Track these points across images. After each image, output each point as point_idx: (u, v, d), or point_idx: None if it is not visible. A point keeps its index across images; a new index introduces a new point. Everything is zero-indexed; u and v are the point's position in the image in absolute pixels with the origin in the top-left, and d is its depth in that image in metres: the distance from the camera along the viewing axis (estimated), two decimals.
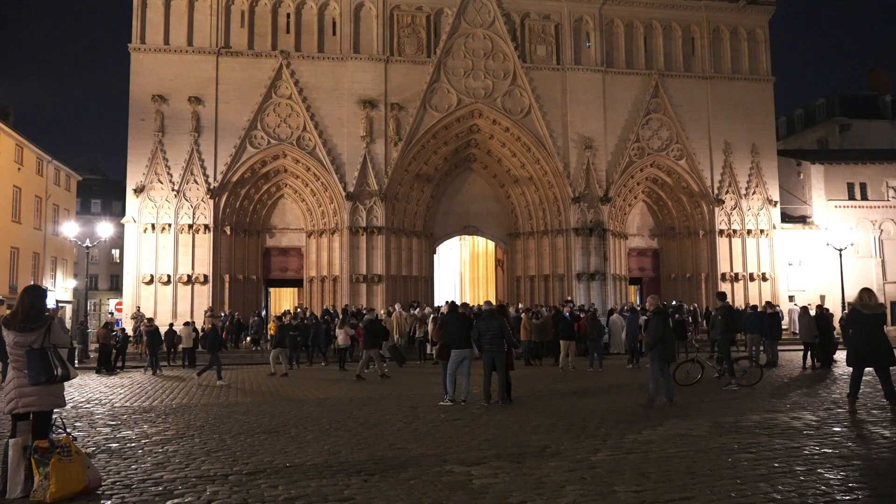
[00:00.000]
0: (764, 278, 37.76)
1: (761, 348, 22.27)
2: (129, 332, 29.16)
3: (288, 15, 34.97)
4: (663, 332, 12.55)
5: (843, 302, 32.08)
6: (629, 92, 37.18)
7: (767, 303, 26.97)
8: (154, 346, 23.69)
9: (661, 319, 12.77)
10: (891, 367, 11.13)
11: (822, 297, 36.09)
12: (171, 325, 29.23)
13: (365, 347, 20.20)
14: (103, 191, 67.65)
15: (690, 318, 31.06)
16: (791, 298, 37.06)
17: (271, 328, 27.81)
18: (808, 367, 20.48)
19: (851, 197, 40.69)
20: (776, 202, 38.45)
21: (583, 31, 37.13)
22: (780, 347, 23.10)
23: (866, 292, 11.51)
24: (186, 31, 34.05)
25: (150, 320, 26.74)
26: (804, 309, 23.20)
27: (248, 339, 31.25)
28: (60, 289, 48.75)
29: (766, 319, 22.26)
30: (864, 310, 11.25)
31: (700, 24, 38.37)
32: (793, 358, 23.44)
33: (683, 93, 37.76)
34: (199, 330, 27.61)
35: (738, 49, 38.92)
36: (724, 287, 36.14)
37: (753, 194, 38.13)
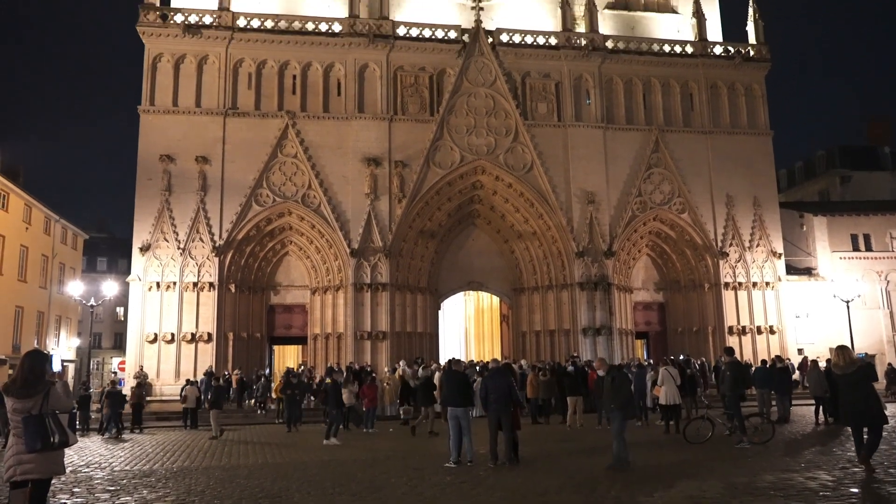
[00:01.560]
0: (772, 331, 37.41)
1: (772, 404, 21.86)
2: (127, 391, 28.55)
3: (294, 76, 35.82)
4: (629, 391, 13.01)
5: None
6: (630, 147, 37.66)
7: (777, 357, 26.60)
8: (115, 408, 23.05)
9: (623, 376, 13.18)
10: (884, 425, 10.79)
11: (832, 350, 35.61)
12: (140, 380, 28.65)
13: (422, 405, 20.43)
14: (109, 249, 68.07)
15: (699, 373, 30.62)
16: (800, 352, 36.63)
17: (275, 390, 27.48)
18: (821, 423, 20.06)
19: (856, 248, 40.67)
20: (780, 254, 38.41)
21: (583, 88, 37.89)
22: (792, 402, 22.66)
23: (839, 351, 11.31)
24: (195, 92, 34.85)
25: (141, 380, 26.31)
26: (814, 363, 22.90)
27: (252, 400, 30.79)
28: (64, 348, 48.54)
29: (776, 374, 21.93)
30: (836, 370, 11.11)
31: (697, 80, 39.13)
32: (805, 413, 22.99)
33: (684, 147, 38.22)
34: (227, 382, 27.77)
35: (735, 104, 39.56)
36: (732, 340, 35.79)
37: (757, 247, 38.14)
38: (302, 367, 31.94)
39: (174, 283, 33.06)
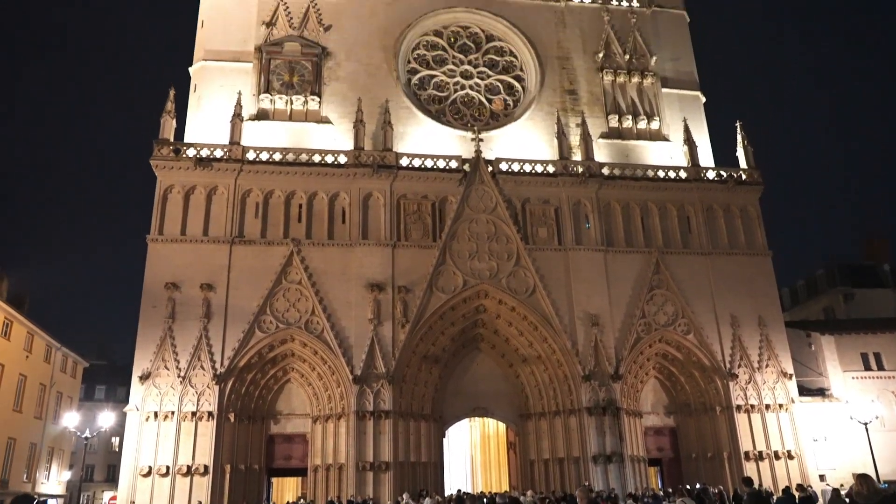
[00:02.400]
0: (790, 456, 35.97)
1: None
2: None
3: (300, 205, 36.80)
4: None
5: (878, 481, 30.26)
6: (631, 269, 37.98)
7: (798, 486, 25.43)
8: None
9: None
10: None
11: (855, 477, 34.11)
12: None
13: None
14: (109, 376, 67.18)
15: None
16: (822, 478, 35.06)
17: None
18: None
19: (867, 367, 39.96)
20: (791, 374, 37.67)
21: (581, 213, 38.77)
22: None
23: (861, 480, 10.79)
24: (203, 221, 35.68)
25: None
26: (835, 491, 21.84)
27: None
28: (54, 482, 46.70)
29: None
30: (859, 499, 10.52)
31: (693, 203, 40.09)
32: None
33: (684, 268, 38.53)
34: None
35: (732, 226, 40.27)
36: (749, 467, 34.39)
37: (767, 367, 37.48)
38: (301, 502, 30.52)
39: (172, 413, 32.28)
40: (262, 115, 39.18)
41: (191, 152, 36.50)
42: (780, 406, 36.84)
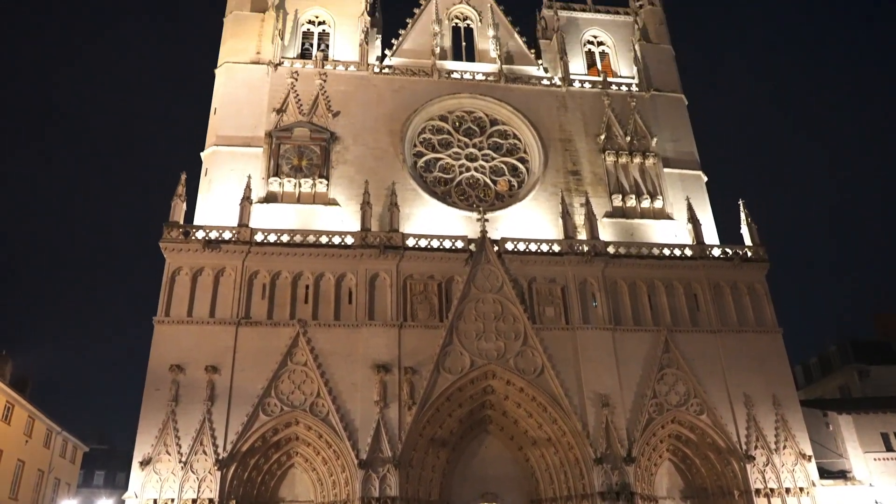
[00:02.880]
0: None
1: None
2: None
3: (307, 286, 36.91)
4: None
5: None
6: (640, 348, 37.55)
7: None
8: None
9: None
10: None
11: None
12: None
13: None
14: (109, 461, 65.78)
15: None
16: None
17: None
18: None
19: (889, 448, 38.73)
20: (810, 456, 36.48)
21: (588, 292, 38.71)
22: None
23: None
24: (210, 303, 35.74)
25: None
26: None
27: None
28: None
29: None
30: None
31: (700, 281, 40.01)
32: None
33: (694, 347, 38.06)
34: None
35: (740, 303, 40.03)
36: None
37: (784, 448, 36.38)
38: None
39: (172, 500, 31.35)
40: (270, 198, 39.93)
41: (200, 234, 36.98)
42: (801, 490, 35.50)
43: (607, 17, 52.33)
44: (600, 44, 51.64)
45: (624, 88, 47.89)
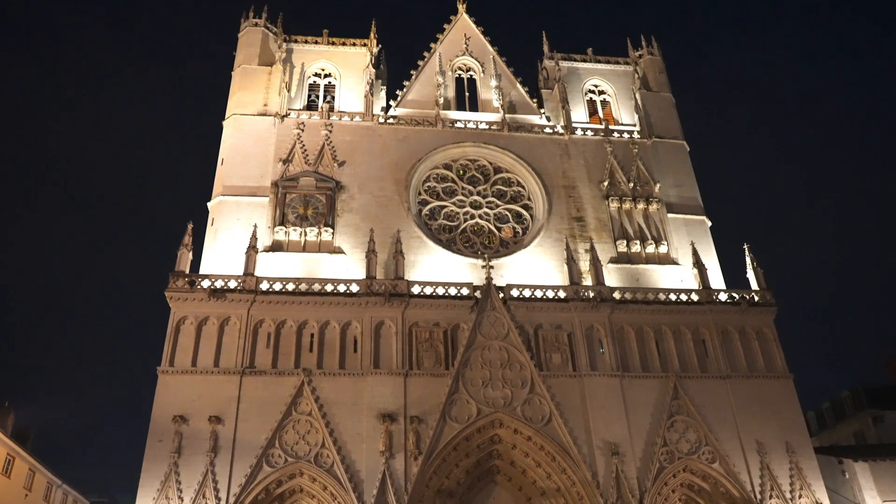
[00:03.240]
0: None
1: None
2: None
3: (312, 335, 36.77)
4: None
5: None
6: (649, 394, 37.03)
7: None
8: None
9: None
10: None
11: None
12: None
13: None
14: None
15: None
16: None
17: None
18: None
19: None
20: None
21: (595, 338, 38.42)
22: None
23: None
24: (214, 352, 35.59)
25: None
26: None
27: None
28: None
29: None
30: None
31: (707, 326, 39.68)
32: None
33: (704, 393, 37.50)
34: None
35: (749, 348, 39.59)
36: None
37: (800, 497, 35.45)
38: None
39: None
40: (276, 247, 40.17)
41: (205, 283, 37.06)
42: None
43: (607, 66, 53.38)
44: (601, 92, 52.54)
45: (626, 136, 48.48)
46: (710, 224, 45.55)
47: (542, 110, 49.37)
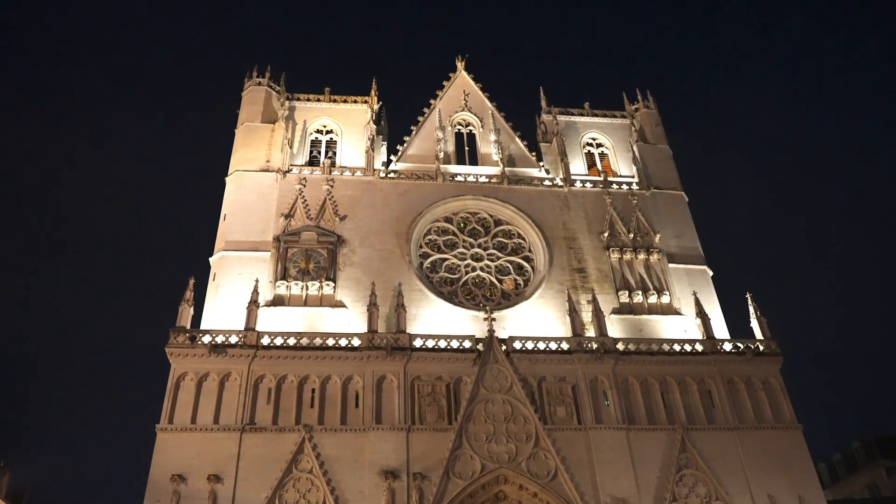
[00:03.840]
0: None
1: None
2: None
3: (313, 390, 36.36)
4: None
5: None
6: (656, 447, 36.33)
7: None
8: None
9: None
10: None
11: None
12: None
13: None
14: None
15: None
16: None
17: None
18: None
19: None
20: None
21: (599, 390, 37.96)
22: None
23: None
24: (214, 409, 35.12)
25: None
26: None
27: None
28: None
29: None
30: None
31: (713, 377, 39.20)
32: None
33: (712, 445, 36.79)
34: None
35: (756, 398, 39.02)
36: None
37: None
38: None
39: None
40: (277, 301, 40.11)
41: (206, 339, 36.84)
42: None
43: (604, 120, 54.31)
44: (599, 145, 53.31)
45: (625, 187, 48.94)
46: (711, 273, 45.53)
47: (541, 163, 50.00)
